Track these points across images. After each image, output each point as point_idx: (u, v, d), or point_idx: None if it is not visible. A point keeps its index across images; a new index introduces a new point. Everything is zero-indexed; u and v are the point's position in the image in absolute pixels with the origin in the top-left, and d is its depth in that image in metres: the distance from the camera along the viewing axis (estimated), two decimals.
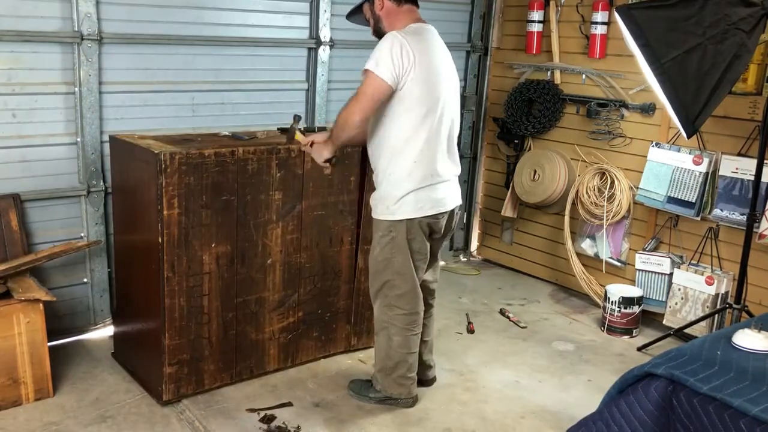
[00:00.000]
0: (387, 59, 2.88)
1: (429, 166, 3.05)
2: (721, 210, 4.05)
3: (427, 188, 3.06)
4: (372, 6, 3.11)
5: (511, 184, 5.20)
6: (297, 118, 3.39)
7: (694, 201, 4.14)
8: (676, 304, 4.23)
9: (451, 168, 3.17)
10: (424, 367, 3.49)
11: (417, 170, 3.03)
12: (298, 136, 3.32)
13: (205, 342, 3.28)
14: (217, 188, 3.14)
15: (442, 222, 3.19)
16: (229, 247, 3.24)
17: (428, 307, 3.41)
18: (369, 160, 3.23)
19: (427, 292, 3.37)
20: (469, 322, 4.33)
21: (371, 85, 2.90)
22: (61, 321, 3.74)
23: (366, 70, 2.92)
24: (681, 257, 4.34)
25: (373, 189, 3.18)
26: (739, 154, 4.01)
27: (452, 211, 3.23)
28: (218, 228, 3.19)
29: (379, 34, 3.09)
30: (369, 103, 2.91)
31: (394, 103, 2.97)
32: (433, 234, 3.19)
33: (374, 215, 3.15)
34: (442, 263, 3.58)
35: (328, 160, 3.25)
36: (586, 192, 4.67)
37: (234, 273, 3.29)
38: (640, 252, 4.45)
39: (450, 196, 3.18)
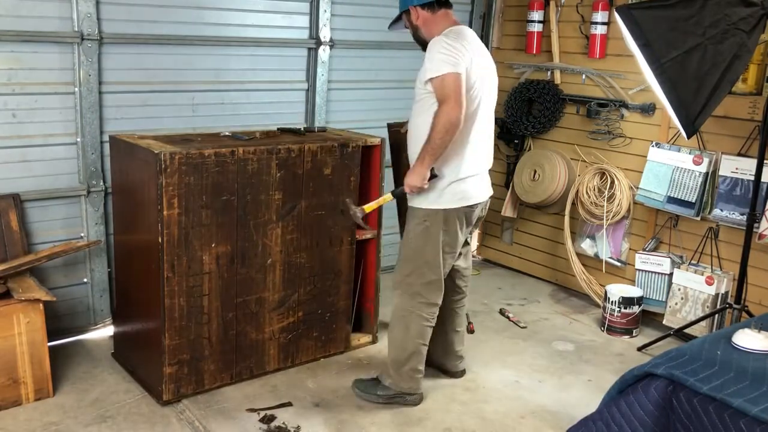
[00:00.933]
0: (443, 57, 2.94)
1: (468, 158, 3.12)
2: (721, 210, 4.05)
3: (465, 180, 3.13)
4: (409, 16, 3.18)
5: (511, 184, 5.19)
6: (349, 202, 3.41)
7: (694, 201, 4.13)
8: (676, 304, 4.23)
9: (486, 161, 3.26)
10: (455, 357, 3.59)
11: (457, 162, 3.09)
12: (369, 207, 3.33)
13: (205, 342, 3.28)
14: (217, 188, 3.14)
15: (477, 212, 3.28)
16: (229, 247, 3.24)
17: (461, 294, 3.50)
18: (408, 152, 3.22)
19: (459, 278, 3.46)
20: (469, 322, 4.32)
21: (447, 83, 2.93)
22: (61, 321, 3.74)
23: (431, 80, 2.95)
24: (681, 257, 4.34)
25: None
26: (739, 154, 4.01)
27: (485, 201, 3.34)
28: (218, 228, 3.19)
29: (419, 40, 3.19)
30: (458, 96, 2.92)
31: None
32: (468, 224, 3.27)
33: (411, 203, 3.19)
34: None
35: (430, 178, 3.09)
36: (586, 192, 4.67)
37: (234, 273, 3.29)
38: (640, 252, 4.45)
39: (485, 188, 3.29)
